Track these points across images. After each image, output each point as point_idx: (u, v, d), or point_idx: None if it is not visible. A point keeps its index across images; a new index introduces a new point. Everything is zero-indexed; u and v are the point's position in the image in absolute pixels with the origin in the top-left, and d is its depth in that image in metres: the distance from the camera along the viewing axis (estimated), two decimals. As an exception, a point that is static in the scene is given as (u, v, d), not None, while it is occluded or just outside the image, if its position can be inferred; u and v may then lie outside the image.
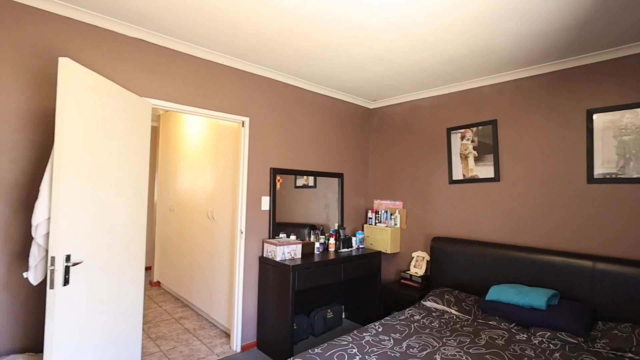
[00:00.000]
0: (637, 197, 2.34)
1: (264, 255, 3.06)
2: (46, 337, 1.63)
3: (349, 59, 2.79)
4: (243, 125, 3.04)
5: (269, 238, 3.17)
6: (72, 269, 1.76)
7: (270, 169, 3.21)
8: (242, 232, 3.00)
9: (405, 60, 2.76)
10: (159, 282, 4.84)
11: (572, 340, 2.08)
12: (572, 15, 2.00)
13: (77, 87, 1.79)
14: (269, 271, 2.96)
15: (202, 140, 3.96)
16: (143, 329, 3.37)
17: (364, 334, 2.22)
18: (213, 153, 3.73)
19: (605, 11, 1.95)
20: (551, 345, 2.07)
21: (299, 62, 2.91)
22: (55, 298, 1.64)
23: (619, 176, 2.39)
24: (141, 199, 2.38)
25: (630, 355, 1.90)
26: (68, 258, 1.71)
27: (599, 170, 2.48)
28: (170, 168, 4.69)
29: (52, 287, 1.63)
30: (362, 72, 3.09)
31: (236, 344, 2.97)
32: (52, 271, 1.63)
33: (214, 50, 2.73)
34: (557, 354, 1.96)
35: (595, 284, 2.33)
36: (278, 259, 2.88)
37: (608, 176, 2.44)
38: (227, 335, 3.29)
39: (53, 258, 1.63)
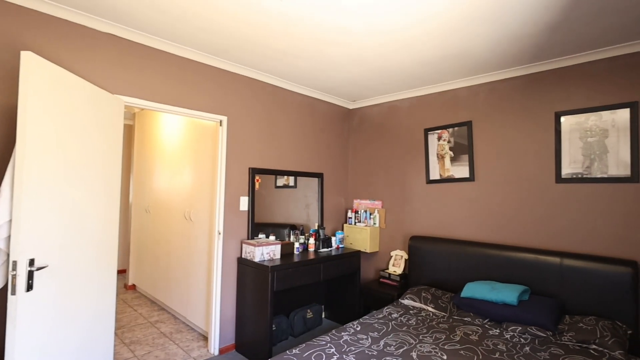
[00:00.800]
0: (601, 196, 2.45)
1: (243, 256, 3.03)
2: (7, 347, 1.54)
3: (329, 59, 2.79)
4: (221, 125, 2.99)
5: (248, 239, 3.13)
6: (36, 273, 1.67)
7: (249, 168, 3.17)
8: (219, 233, 2.95)
9: (384, 61, 2.79)
10: (134, 286, 4.70)
11: (541, 334, 2.16)
12: (543, 20, 2.07)
13: (42, 82, 1.71)
14: (247, 272, 2.93)
15: (179, 140, 3.87)
16: (116, 334, 3.26)
17: (342, 333, 2.22)
18: (190, 152, 3.65)
19: (573, 18, 2.04)
20: (522, 339, 2.14)
21: (278, 61, 2.89)
22: (18, 305, 1.56)
23: (584, 176, 2.50)
24: (114, 199, 2.30)
25: (594, 346, 2.00)
26: (32, 262, 1.63)
27: (566, 170, 2.58)
28: (146, 168, 4.56)
29: (13, 293, 1.55)
30: (341, 72, 3.10)
31: (214, 347, 2.92)
32: (14, 276, 1.55)
33: (191, 48, 2.68)
34: (527, 348, 2.03)
35: (563, 280, 2.42)
36: (257, 259, 2.85)
37: (575, 176, 2.55)
38: (205, 338, 3.23)
39: (15, 262, 1.55)
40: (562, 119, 2.61)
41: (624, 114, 2.36)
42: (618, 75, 2.42)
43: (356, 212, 3.97)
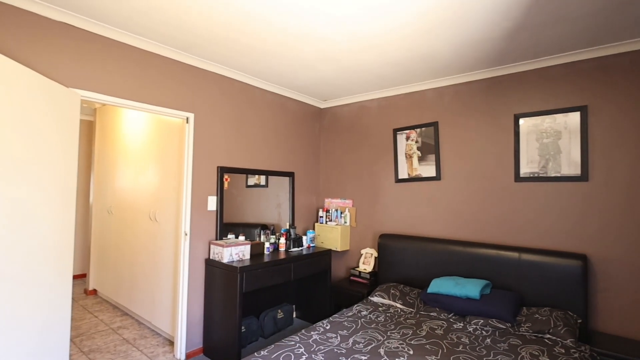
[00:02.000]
0: (555, 193, 2.61)
1: (211, 258, 2.95)
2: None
3: (299, 57, 2.78)
4: (187, 122, 2.90)
5: (216, 239, 3.05)
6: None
7: (218, 167, 3.10)
8: (186, 234, 2.86)
9: (353, 60, 2.82)
10: (95, 291, 4.46)
11: (501, 326, 2.27)
12: (502, 26, 2.17)
13: (-15, 73, 1.57)
14: (215, 273, 2.86)
15: (144, 137, 3.71)
16: (74, 343, 3.08)
17: (312, 332, 2.22)
18: (156, 150, 3.51)
19: (530, 26, 2.15)
20: (483, 331, 2.24)
21: (247, 58, 2.84)
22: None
23: (540, 175, 2.65)
24: (69, 199, 2.17)
25: (548, 336, 2.12)
26: (-27, 268, 1.49)
27: (524, 170, 2.73)
28: (108, 166, 4.34)
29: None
30: (312, 70, 3.10)
31: (180, 352, 2.83)
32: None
33: (156, 42, 2.57)
34: (489, 340, 2.12)
35: (521, 274, 2.56)
36: (225, 260, 2.79)
37: (531, 175, 2.69)
38: (171, 343, 3.12)
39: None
40: (521, 121, 2.75)
41: (575, 117, 2.52)
42: (571, 80, 2.58)
43: (327, 211, 3.98)
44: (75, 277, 5.15)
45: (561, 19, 2.06)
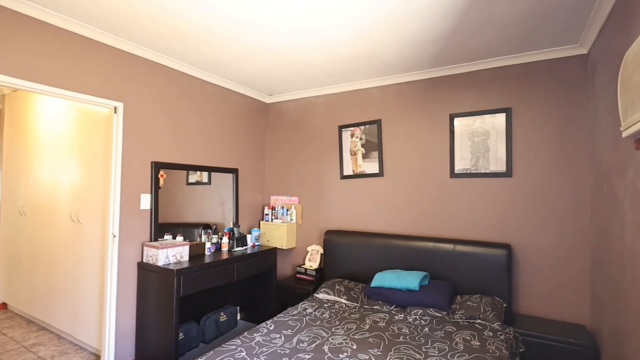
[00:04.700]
0: (485, 188, 2.82)
1: (144, 261, 2.71)
2: None
3: (242, 47, 2.66)
4: (115, 112, 2.62)
5: (150, 241, 2.82)
6: None
7: (152, 162, 2.85)
8: (114, 236, 2.59)
9: (297, 53, 2.77)
10: (5, 304, 3.88)
11: (438, 314, 2.39)
12: (439, 28, 2.27)
13: None
14: (149, 278, 2.63)
15: (64, 128, 3.30)
16: (-26, 367, 2.64)
17: (255, 334, 2.14)
18: (78, 143, 3.14)
19: (462, 29, 2.27)
20: (422, 321, 2.34)
21: (185, 45, 2.64)
22: None
23: (472, 171, 2.84)
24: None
25: (479, 321, 2.28)
26: None
27: (458, 166, 2.90)
28: (20, 161, 3.79)
29: None
30: (256, 62, 2.99)
31: (108, 366, 2.56)
32: None
33: (75, 19, 2.27)
34: (427, 328, 2.21)
35: (455, 264, 2.72)
36: (160, 263, 2.58)
37: (465, 171, 2.88)
38: (98, 357, 2.82)
39: None
40: (455, 120, 2.93)
41: (501, 118, 2.74)
42: (498, 84, 2.80)
43: (273, 208, 3.90)
44: (-22, 289, 4.43)
45: (489, 24, 2.21)
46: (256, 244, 3.55)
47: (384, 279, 2.68)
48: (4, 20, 2.03)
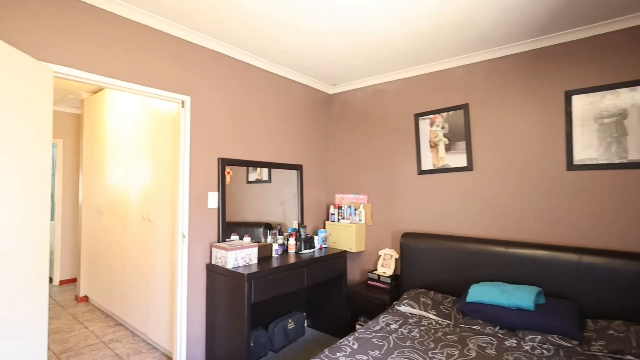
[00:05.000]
0: (620, 183, 2.21)
1: (213, 262, 2.56)
2: None
3: (310, 30, 2.38)
4: (183, 106, 2.50)
5: (219, 241, 2.66)
6: None
7: (219, 159, 2.70)
8: (184, 236, 2.47)
9: (375, 32, 2.41)
10: (86, 297, 4.08)
11: (565, 343, 1.88)
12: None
13: None
14: (218, 281, 2.47)
15: (134, 128, 3.31)
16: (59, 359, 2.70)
17: (338, 354, 1.83)
18: (148, 142, 3.11)
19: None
20: (544, 350, 1.84)
21: (251, 31, 2.43)
22: None
23: (600, 162, 2.25)
24: (40, 198, 1.78)
25: (629, 357, 1.72)
26: None
27: (579, 156, 2.32)
28: (98, 163, 3.94)
29: None
30: (322, 48, 2.69)
31: (179, 372, 2.45)
32: None
33: (142, 9, 2.16)
34: (553, 362, 1.73)
35: (581, 279, 2.16)
36: (230, 266, 2.40)
37: (589, 162, 2.29)
38: (170, 359, 2.74)
39: None
40: (574, 98, 2.35)
41: (643, 92, 2.11)
42: (636, 46, 2.16)
43: (339, 207, 3.59)
44: (65, 281, 4.77)
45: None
46: (323, 246, 3.27)
47: (483, 293, 2.22)
48: (72, 13, 1.96)
